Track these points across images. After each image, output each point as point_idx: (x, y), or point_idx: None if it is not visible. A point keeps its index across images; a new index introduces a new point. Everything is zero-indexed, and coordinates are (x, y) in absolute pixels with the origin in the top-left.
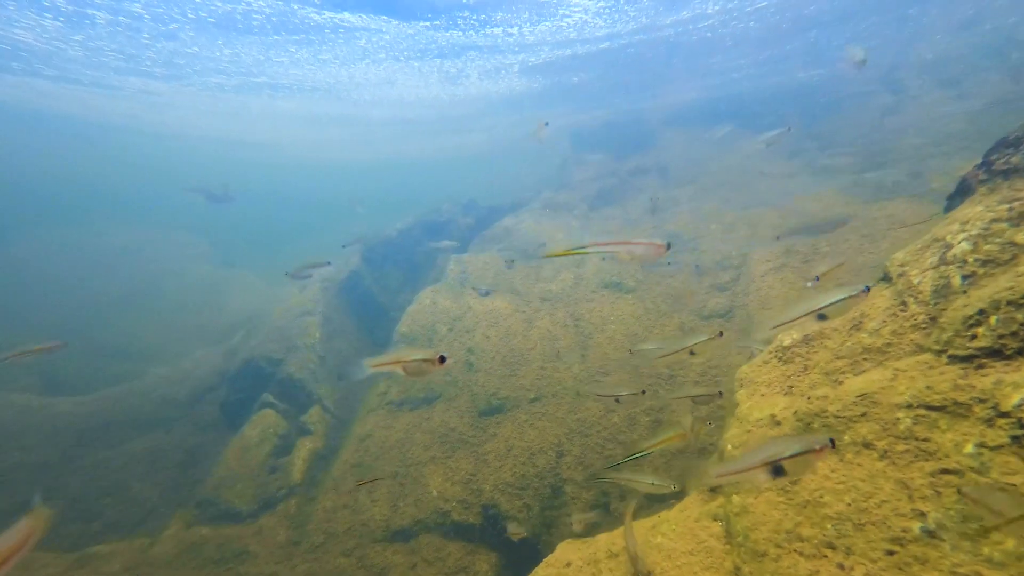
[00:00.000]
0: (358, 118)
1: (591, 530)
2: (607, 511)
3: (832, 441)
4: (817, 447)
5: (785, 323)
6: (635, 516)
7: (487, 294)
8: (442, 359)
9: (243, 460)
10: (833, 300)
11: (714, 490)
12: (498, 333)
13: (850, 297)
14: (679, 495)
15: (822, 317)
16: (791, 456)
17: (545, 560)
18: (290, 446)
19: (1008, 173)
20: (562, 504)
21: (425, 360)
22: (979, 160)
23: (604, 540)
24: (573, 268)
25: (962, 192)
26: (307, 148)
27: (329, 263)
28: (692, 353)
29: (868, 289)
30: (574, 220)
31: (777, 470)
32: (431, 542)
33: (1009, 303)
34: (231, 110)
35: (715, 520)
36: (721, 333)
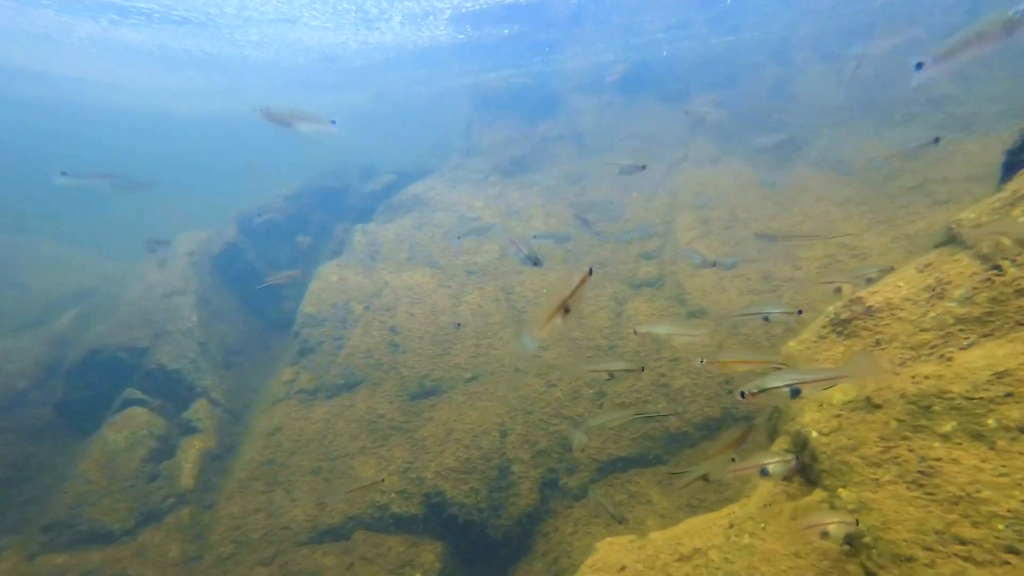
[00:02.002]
0: (232, 60)
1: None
2: (556, 487)
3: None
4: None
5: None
6: (669, 518)
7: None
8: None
9: (109, 470)
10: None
11: (789, 479)
12: (423, 310)
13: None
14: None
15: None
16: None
17: (588, 563)
18: (172, 448)
19: None
20: (510, 485)
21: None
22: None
23: (663, 539)
24: (497, 239)
25: None
26: (156, 95)
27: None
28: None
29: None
30: (490, 188)
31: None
32: (368, 539)
33: None
34: (42, 32)
35: None
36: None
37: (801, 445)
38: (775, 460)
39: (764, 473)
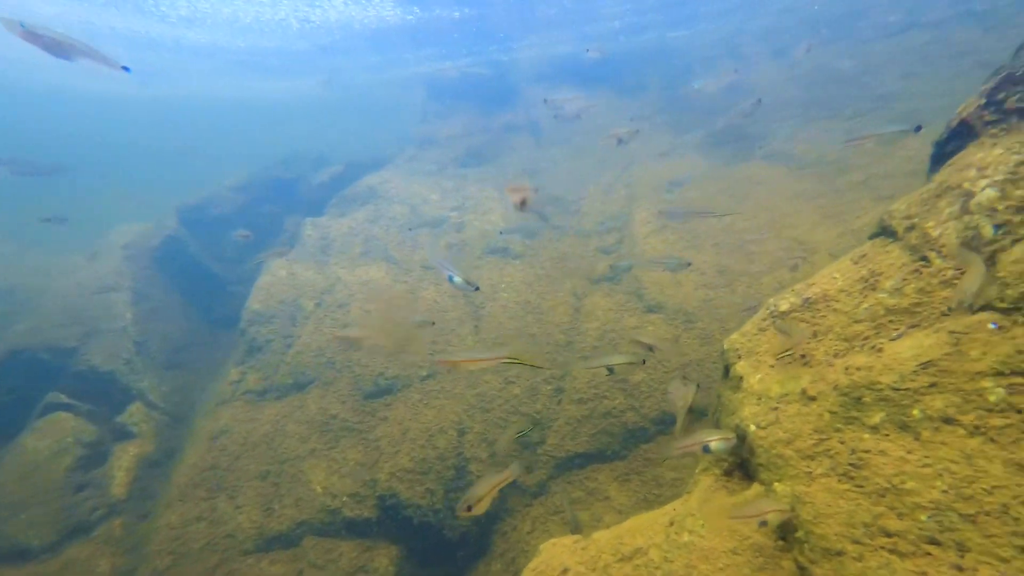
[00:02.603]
0: (164, 40)
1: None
2: (515, 485)
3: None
4: None
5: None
6: (627, 514)
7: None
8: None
9: (30, 480)
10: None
11: (730, 474)
12: (378, 307)
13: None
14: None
15: None
16: None
17: (531, 566)
18: (104, 455)
19: None
20: (467, 485)
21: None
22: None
23: (606, 539)
24: (455, 233)
25: (961, 135)
26: (82, 75)
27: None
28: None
29: None
30: (447, 180)
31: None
32: (318, 545)
33: None
34: None
35: None
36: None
37: (740, 439)
38: (716, 437)
39: (706, 450)
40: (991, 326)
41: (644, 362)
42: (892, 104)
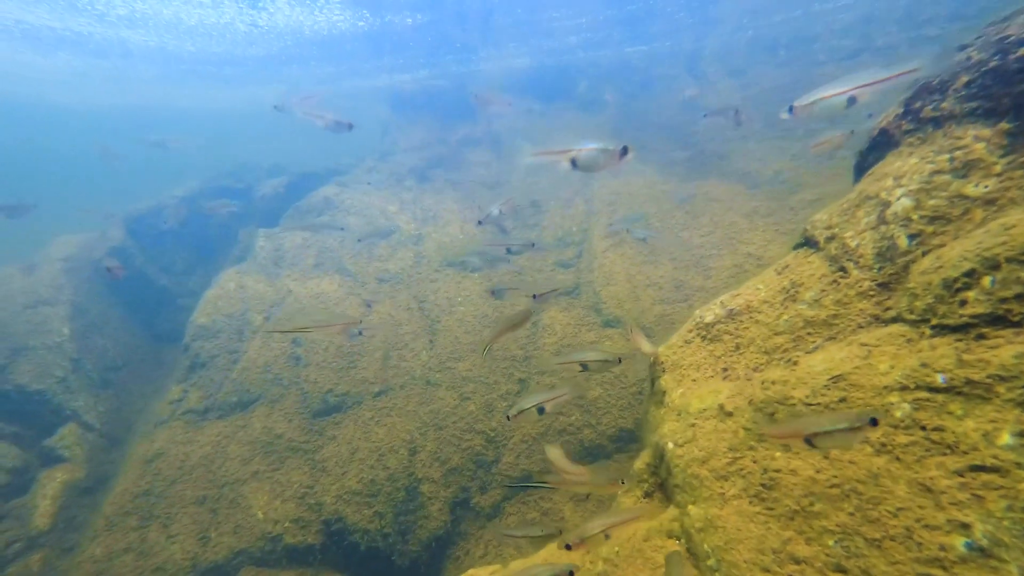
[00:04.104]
0: (109, 43)
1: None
2: (468, 507)
3: (874, 420)
4: (859, 424)
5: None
6: (554, 539)
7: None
8: (624, 150)
9: None
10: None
11: (650, 495)
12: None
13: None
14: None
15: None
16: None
17: None
18: (28, 482)
19: (940, 120)
20: (419, 507)
21: (604, 150)
22: (899, 110)
23: (522, 568)
24: (412, 246)
25: (881, 145)
26: (25, 81)
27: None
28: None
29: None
30: (406, 192)
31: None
32: (257, 575)
33: (1011, 259)
34: None
35: (671, 538)
36: None
37: (659, 457)
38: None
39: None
40: (939, 379)
41: (620, 361)
42: (843, 125)
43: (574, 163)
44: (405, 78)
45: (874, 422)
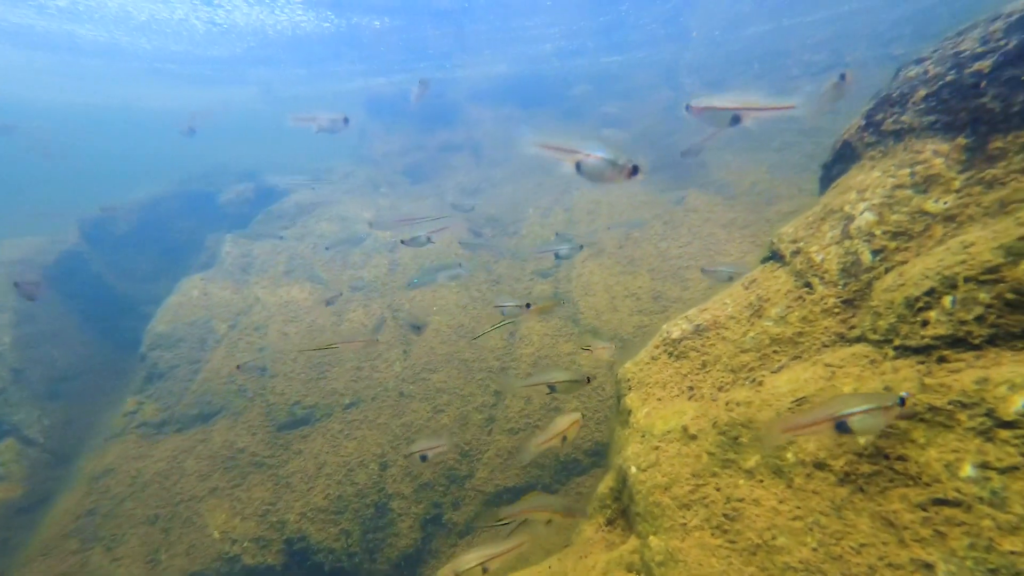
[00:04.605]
0: (54, 37)
1: None
2: (440, 523)
3: (902, 400)
4: (888, 404)
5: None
6: (553, 554)
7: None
8: (635, 170)
9: None
10: None
11: (612, 523)
12: (299, 330)
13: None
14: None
15: None
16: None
17: None
18: None
19: (900, 134)
20: (388, 524)
21: (612, 163)
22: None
23: None
24: (387, 253)
25: (845, 158)
26: None
27: None
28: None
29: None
30: (382, 199)
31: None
32: None
33: (968, 280)
34: None
35: (630, 572)
36: None
37: (623, 481)
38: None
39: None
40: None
41: (588, 380)
42: (816, 137)
43: (578, 167)
44: (380, 81)
45: (902, 402)
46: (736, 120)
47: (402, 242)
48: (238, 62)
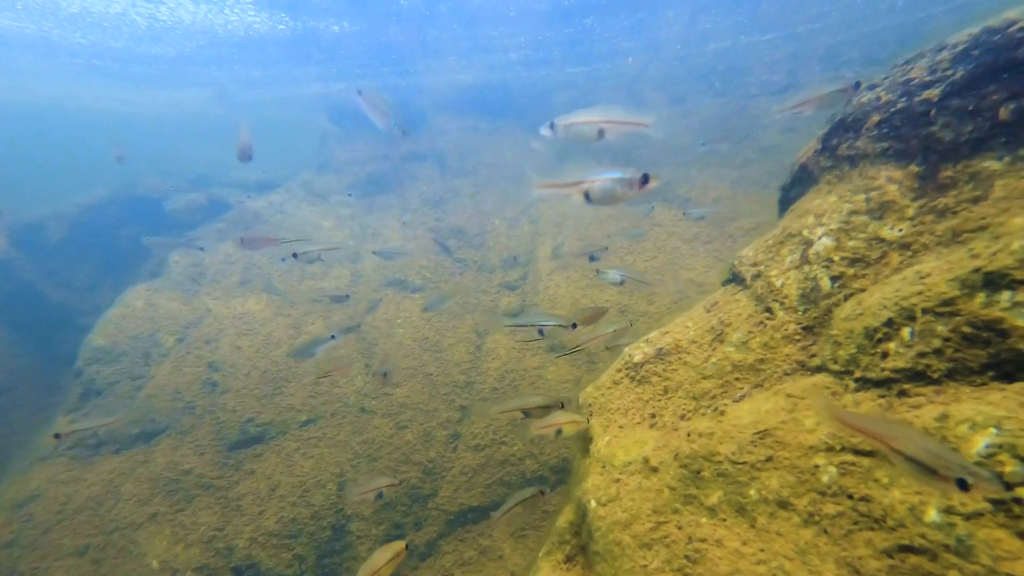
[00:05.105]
0: None
1: None
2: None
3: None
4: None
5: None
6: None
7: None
8: (645, 179)
9: None
10: None
11: (572, 560)
12: (253, 343)
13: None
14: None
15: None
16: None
17: None
18: None
19: (855, 159)
20: (346, 547)
21: (621, 180)
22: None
23: None
24: (349, 264)
25: (802, 181)
26: None
27: None
28: None
29: None
30: (344, 208)
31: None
32: None
33: (927, 311)
34: None
35: None
36: None
37: (582, 516)
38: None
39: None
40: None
41: (563, 405)
42: (775, 156)
43: (587, 196)
44: (340, 87)
45: (963, 485)
46: (602, 133)
47: (294, 255)
48: (187, 62)
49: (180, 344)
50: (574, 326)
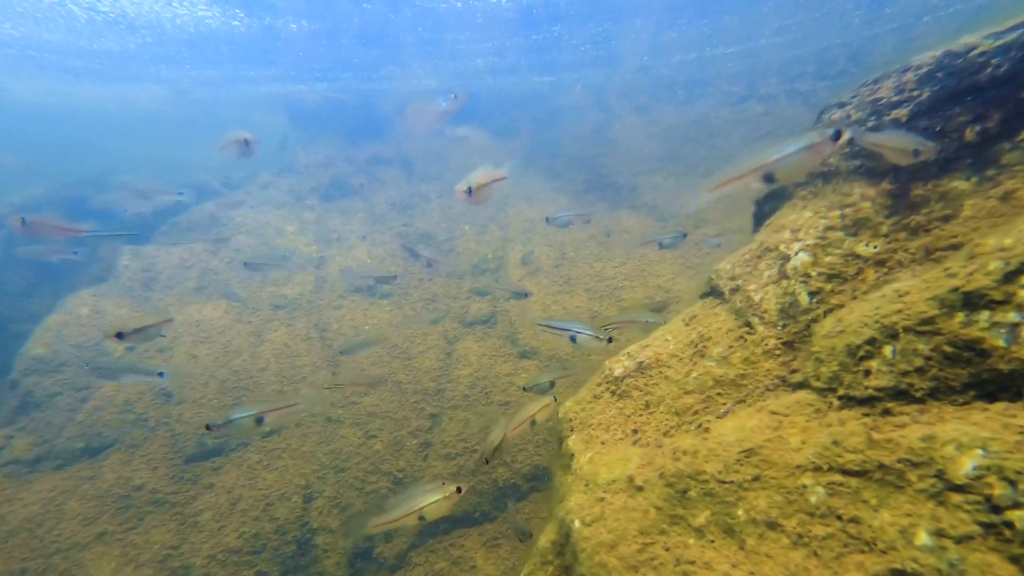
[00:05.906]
0: None
1: None
2: (371, 558)
3: (838, 133)
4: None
5: None
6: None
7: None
8: (837, 135)
9: None
10: None
11: None
12: (211, 351)
13: None
14: None
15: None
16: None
17: None
18: None
19: (828, 176)
20: (312, 562)
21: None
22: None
23: None
24: (313, 269)
25: (776, 195)
26: None
27: None
28: None
29: None
30: (307, 212)
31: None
32: None
33: (908, 330)
34: None
35: None
36: None
37: (566, 535)
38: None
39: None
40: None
41: (534, 424)
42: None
43: (767, 178)
44: (301, 88)
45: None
46: (470, 192)
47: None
48: (132, 58)
49: (130, 353)
50: (610, 340)
